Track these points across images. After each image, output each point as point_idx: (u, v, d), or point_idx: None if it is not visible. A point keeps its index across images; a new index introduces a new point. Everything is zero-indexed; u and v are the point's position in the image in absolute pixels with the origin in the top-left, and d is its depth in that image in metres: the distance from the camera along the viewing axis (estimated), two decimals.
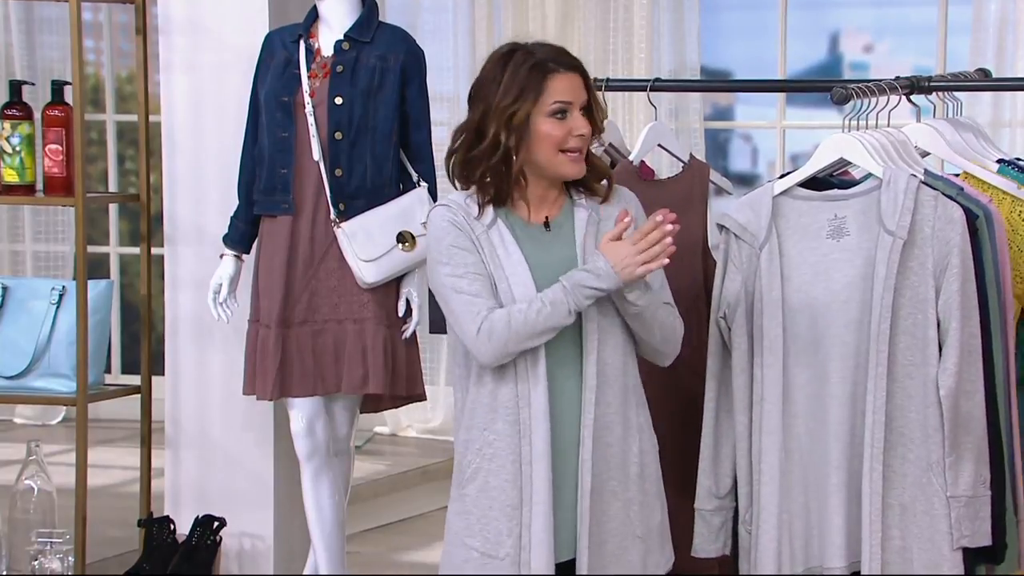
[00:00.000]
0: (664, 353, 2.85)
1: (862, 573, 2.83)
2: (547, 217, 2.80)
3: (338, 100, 3.86)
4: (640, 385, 2.83)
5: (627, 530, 2.79)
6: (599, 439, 2.75)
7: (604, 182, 2.82)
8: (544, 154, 2.75)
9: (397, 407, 4.24)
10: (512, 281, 2.74)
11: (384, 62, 3.89)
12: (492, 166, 2.75)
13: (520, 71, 2.74)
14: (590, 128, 2.76)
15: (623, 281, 2.69)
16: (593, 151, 2.84)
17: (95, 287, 4.19)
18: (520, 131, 2.73)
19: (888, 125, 3.01)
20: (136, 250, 5.44)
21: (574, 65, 2.77)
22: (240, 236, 4.01)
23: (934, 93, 3.17)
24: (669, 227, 2.69)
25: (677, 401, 3.14)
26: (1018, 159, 3.12)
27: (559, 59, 2.76)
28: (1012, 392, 2.92)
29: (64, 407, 6.05)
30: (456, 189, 2.85)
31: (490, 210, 2.79)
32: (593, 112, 2.78)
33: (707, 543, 2.95)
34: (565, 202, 2.82)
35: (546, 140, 2.74)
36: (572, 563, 2.77)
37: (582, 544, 2.74)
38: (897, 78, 3.10)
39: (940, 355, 2.82)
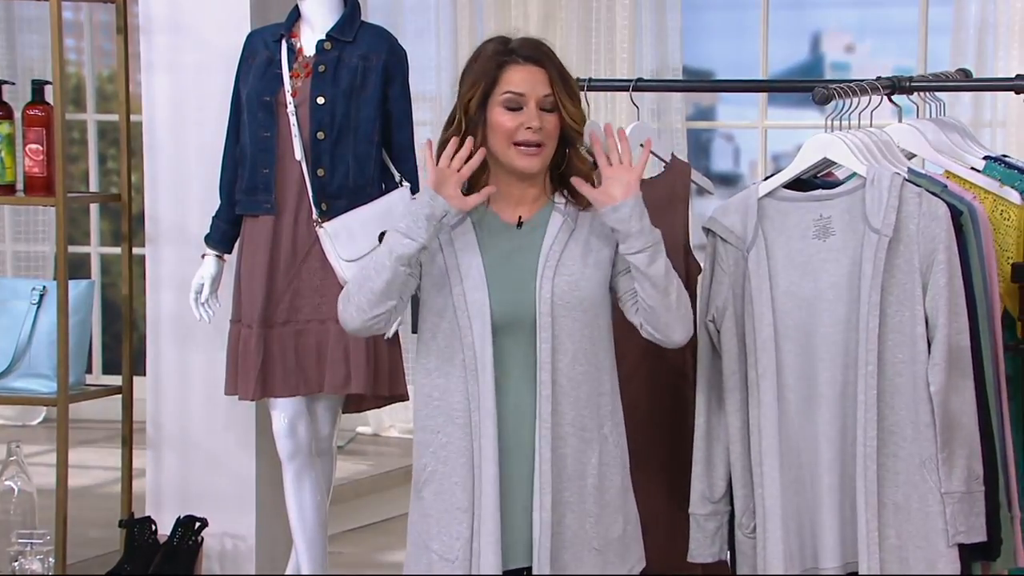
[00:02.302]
0: (671, 331, 2.74)
1: (860, 573, 2.83)
2: (520, 217, 2.79)
3: (320, 100, 3.86)
4: (610, 392, 2.78)
5: (583, 542, 2.76)
6: (554, 450, 2.72)
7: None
8: (498, 145, 2.73)
9: (380, 407, 4.23)
10: (467, 285, 2.72)
11: (366, 62, 3.88)
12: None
13: (481, 60, 2.75)
14: (548, 124, 2.72)
15: (441, 200, 2.66)
16: (583, 154, 2.81)
17: (76, 287, 4.18)
18: (476, 119, 2.73)
19: (870, 125, 3.01)
20: (117, 250, 5.43)
21: (536, 59, 2.74)
22: (222, 236, 4.00)
23: (915, 93, 3.18)
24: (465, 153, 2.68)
25: (661, 403, 3.14)
26: (1005, 156, 3.13)
27: (522, 51, 2.74)
28: (1002, 387, 2.92)
29: (45, 407, 6.03)
30: None
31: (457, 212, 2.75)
32: (562, 109, 2.73)
33: (703, 548, 2.94)
34: (545, 204, 2.80)
35: (498, 130, 2.73)
36: (525, 571, 2.75)
37: (542, 556, 2.72)
38: (878, 78, 3.10)
39: (929, 352, 2.82)
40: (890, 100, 3.13)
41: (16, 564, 3.98)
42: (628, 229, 2.70)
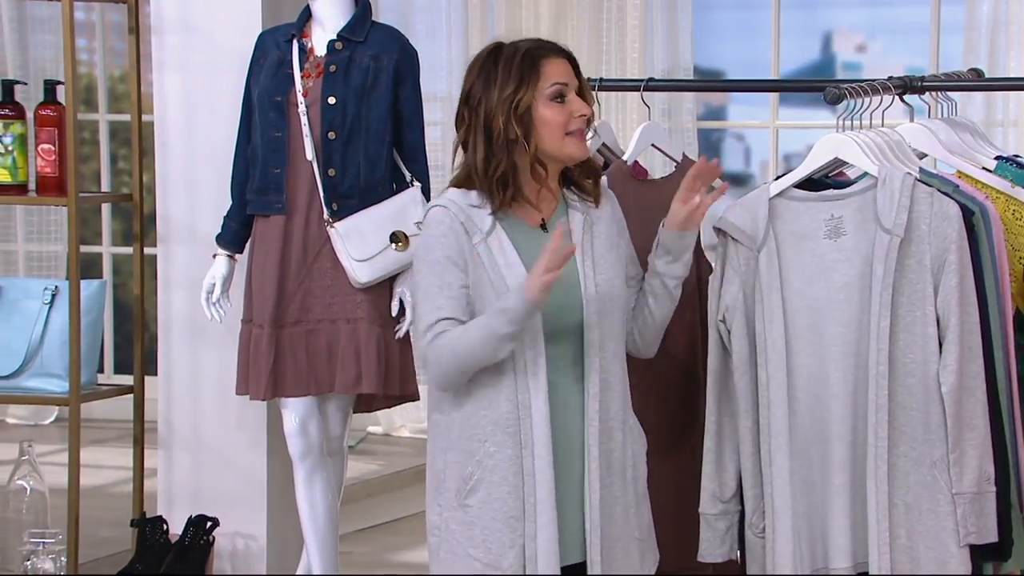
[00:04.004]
0: (656, 344, 2.88)
1: (870, 573, 2.83)
2: (543, 219, 2.80)
3: (331, 100, 3.86)
4: (628, 386, 2.84)
5: (628, 533, 2.80)
6: (603, 446, 2.76)
7: (590, 180, 2.82)
8: (550, 139, 2.74)
9: (390, 407, 4.23)
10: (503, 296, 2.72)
11: (377, 62, 3.89)
12: (507, 162, 2.73)
13: (513, 62, 2.75)
14: (589, 109, 2.77)
15: (531, 303, 2.65)
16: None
17: (88, 287, 4.19)
18: (526, 120, 2.73)
19: (881, 125, 3.01)
20: (129, 250, 5.44)
21: (561, 50, 2.78)
22: (233, 236, 4.01)
23: (927, 93, 3.17)
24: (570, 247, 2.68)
25: (670, 401, 3.14)
26: (1016, 156, 3.12)
27: (546, 45, 2.78)
28: (1014, 387, 2.91)
29: (57, 407, 6.04)
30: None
31: (490, 217, 2.76)
32: (586, 96, 2.79)
33: (713, 548, 2.94)
34: (559, 204, 2.81)
35: (550, 125, 2.74)
36: (573, 567, 2.77)
37: (594, 553, 2.74)
38: (890, 78, 3.10)
39: (940, 352, 2.82)
40: (902, 100, 3.12)
41: (28, 563, 3.99)
42: (683, 258, 2.82)
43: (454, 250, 2.72)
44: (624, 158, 3.30)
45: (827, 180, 2.99)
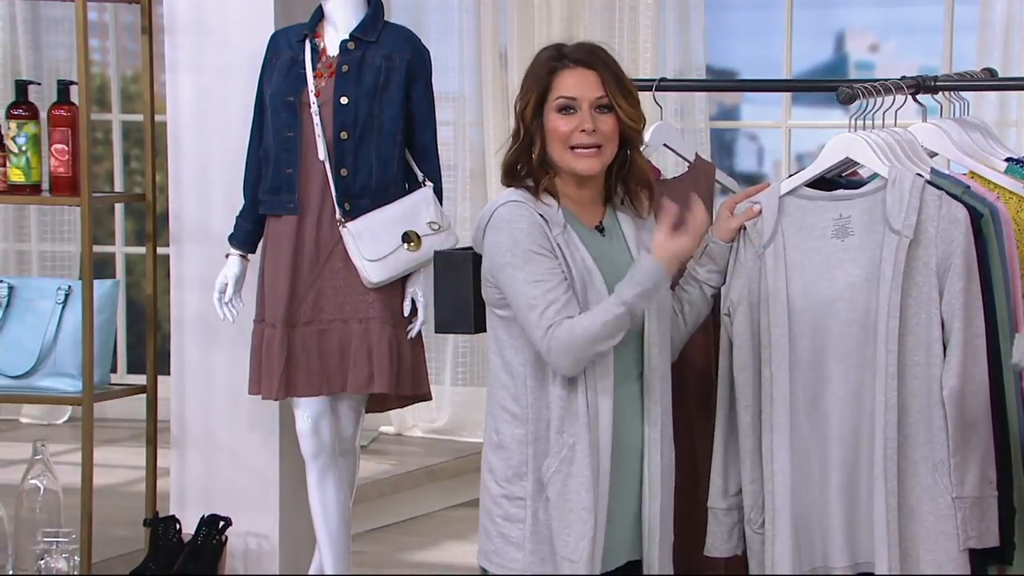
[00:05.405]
0: (679, 348, 2.93)
1: (876, 573, 2.83)
2: (600, 222, 2.82)
3: (343, 100, 3.87)
4: None
5: (668, 530, 2.85)
6: (662, 446, 2.81)
7: (645, 193, 2.85)
8: (555, 150, 2.77)
9: (402, 407, 4.24)
10: (590, 295, 2.74)
11: (390, 61, 3.89)
12: (522, 160, 2.78)
13: (534, 68, 2.79)
14: (604, 126, 2.75)
15: (666, 270, 2.73)
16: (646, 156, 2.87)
17: (101, 287, 4.20)
18: (531, 124, 2.76)
19: (894, 125, 3.01)
20: (142, 250, 5.45)
21: (587, 62, 2.77)
22: (245, 236, 4.01)
23: (940, 93, 3.17)
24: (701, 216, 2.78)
25: (682, 399, 3.14)
26: None
27: (575, 55, 2.78)
28: (1020, 391, 2.90)
29: (70, 407, 6.05)
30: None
31: (560, 212, 2.78)
32: (618, 110, 2.76)
33: (720, 542, 2.94)
34: (608, 207, 2.84)
35: (554, 135, 2.76)
36: (622, 568, 2.81)
37: (652, 551, 2.80)
38: (903, 78, 3.09)
39: (944, 355, 2.82)
40: (915, 100, 3.11)
41: (42, 563, 4.00)
42: (725, 266, 2.90)
43: (539, 239, 2.73)
44: None
45: (839, 180, 2.99)
